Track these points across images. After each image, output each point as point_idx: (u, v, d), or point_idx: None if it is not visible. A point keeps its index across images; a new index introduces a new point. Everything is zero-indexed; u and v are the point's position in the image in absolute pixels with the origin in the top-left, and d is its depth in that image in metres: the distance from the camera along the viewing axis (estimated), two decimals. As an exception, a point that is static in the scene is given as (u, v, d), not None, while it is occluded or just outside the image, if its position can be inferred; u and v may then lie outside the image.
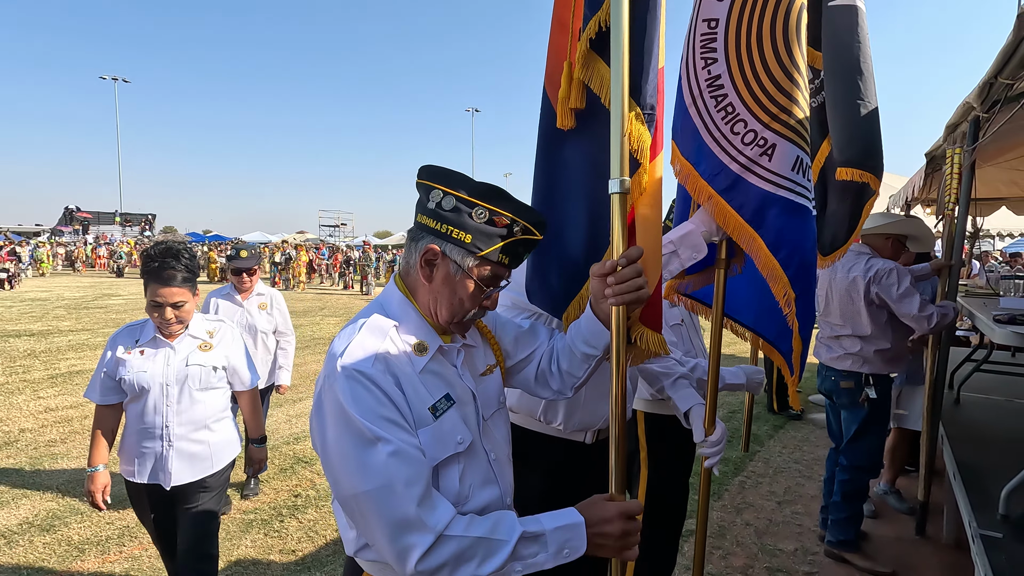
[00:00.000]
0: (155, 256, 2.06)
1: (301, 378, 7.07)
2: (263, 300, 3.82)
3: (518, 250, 1.15)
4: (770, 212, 1.49)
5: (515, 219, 1.11)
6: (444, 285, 1.14)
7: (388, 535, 0.98)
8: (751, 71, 1.51)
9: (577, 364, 1.33)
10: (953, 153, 3.02)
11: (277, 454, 4.59)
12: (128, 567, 2.98)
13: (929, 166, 3.96)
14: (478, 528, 1.02)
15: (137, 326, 2.22)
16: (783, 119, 1.48)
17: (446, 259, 1.13)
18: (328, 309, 14.73)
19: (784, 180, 1.49)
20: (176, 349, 2.18)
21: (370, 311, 1.16)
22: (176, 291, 2.08)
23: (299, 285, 20.66)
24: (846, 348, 3.10)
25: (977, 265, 14.20)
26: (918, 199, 5.05)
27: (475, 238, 1.10)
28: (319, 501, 3.75)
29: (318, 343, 9.54)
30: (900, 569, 3.02)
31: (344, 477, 1.01)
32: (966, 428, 3.09)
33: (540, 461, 1.64)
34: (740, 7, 1.52)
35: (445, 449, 1.10)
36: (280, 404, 5.94)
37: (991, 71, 2.36)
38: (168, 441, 2.15)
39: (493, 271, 1.14)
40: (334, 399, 1.02)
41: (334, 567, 2.99)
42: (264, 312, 3.80)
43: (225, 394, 2.34)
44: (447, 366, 1.18)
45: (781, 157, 1.49)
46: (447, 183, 1.11)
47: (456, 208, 1.10)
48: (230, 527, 3.39)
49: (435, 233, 1.13)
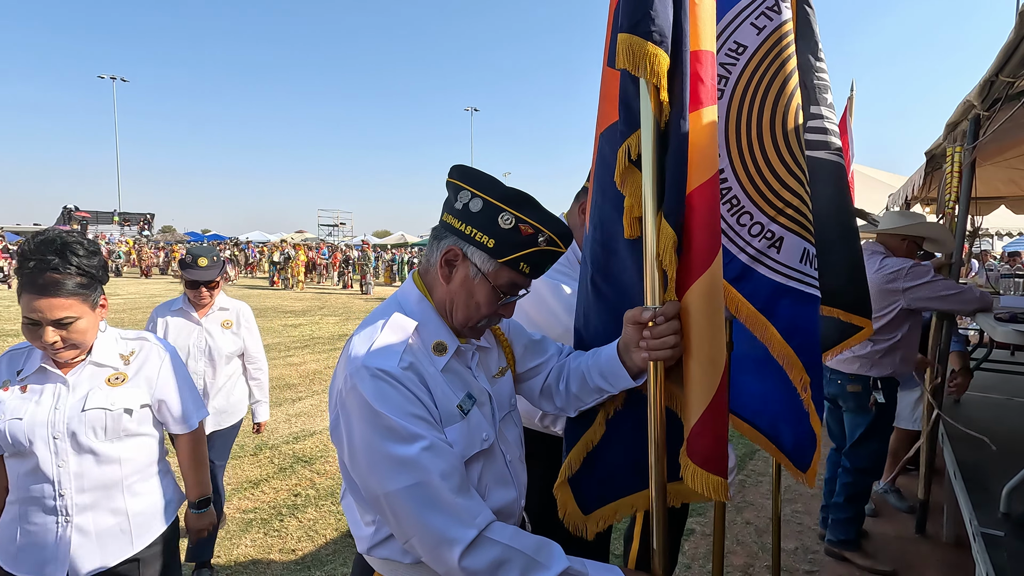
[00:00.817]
0: (30, 253, 1.43)
1: (300, 377, 7.07)
2: (227, 316, 2.97)
3: (540, 261, 1.12)
4: (782, 302, 1.51)
5: (541, 228, 1.08)
6: (462, 287, 1.13)
7: (427, 531, 0.98)
8: (754, 166, 1.55)
9: (588, 393, 1.32)
10: (953, 151, 3.02)
11: (277, 453, 4.58)
12: (127, 567, 2.97)
13: (929, 165, 3.96)
14: (522, 542, 1.02)
15: (22, 351, 1.59)
16: (789, 213, 1.51)
17: (466, 261, 1.12)
18: (327, 308, 14.71)
19: (794, 272, 1.51)
20: (71, 385, 1.54)
21: (389, 309, 1.15)
22: (59, 303, 1.44)
23: (298, 284, 20.66)
24: (854, 351, 3.04)
25: (976, 264, 14.24)
26: (917, 198, 5.06)
27: (498, 243, 1.08)
28: (319, 500, 3.75)
29: (317, 342, 9.52)
30: (900, 567, 3.03)
31: (375, 477, 1.00)
32: (966, 427, 3.10)
33: (540, 459, 1.64)
34: (739, 105, 1.57)
35: (472, 446, 1.10)
36: (280, 403, 5.94)
37: (992, 69, 2.36)
38: (64, 515, 1.51)
39: (512, 279, 1.12)
40: (359, 399, 1.00)
41: (334, 566, 2.99)
42: (228, 332, 2.96)
43: (152, 442, 1.70)
44: (463, 367, 1.18)
45: (790, 250, 1.51)
46: (477, 185, 1.10)
47: (482, 211, 1.08)
48: (230, 526, 3.38)
49: (458, 234, 1.11)
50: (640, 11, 1.11)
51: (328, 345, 9.26)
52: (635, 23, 1.11)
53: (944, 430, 3.04)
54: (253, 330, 3.10)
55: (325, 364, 7.87)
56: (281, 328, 10.88)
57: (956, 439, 2.86)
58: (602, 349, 1.30)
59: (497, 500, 1.16)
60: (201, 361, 2.87)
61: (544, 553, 1.03)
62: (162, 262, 27.09)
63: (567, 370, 1.37)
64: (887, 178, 8.64)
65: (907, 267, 2.90)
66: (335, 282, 23.02)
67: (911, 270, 2.89)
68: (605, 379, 1.27)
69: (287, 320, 12.18)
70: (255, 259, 28.02)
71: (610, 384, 1.27)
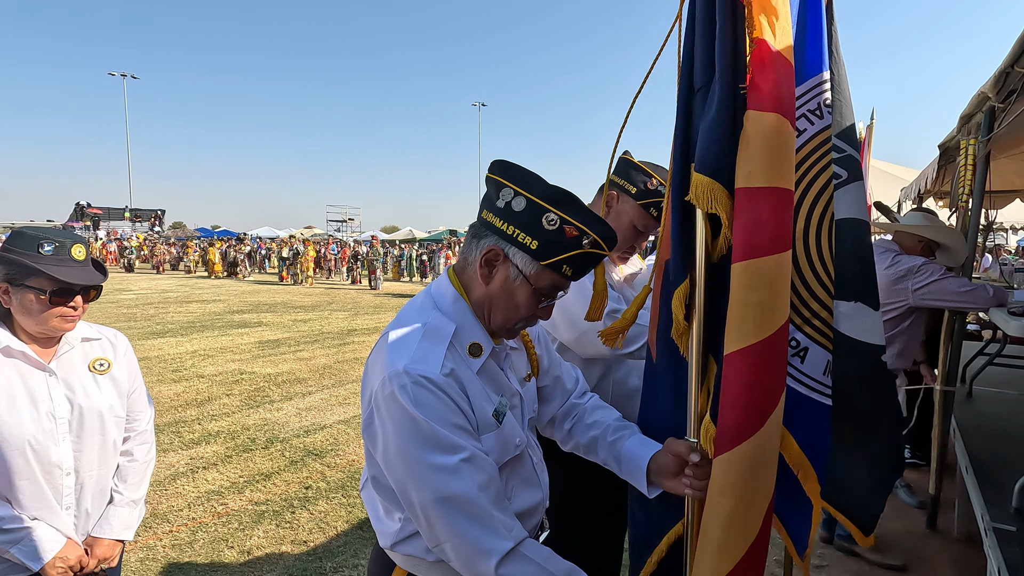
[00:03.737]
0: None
1: (310, 371, 7.13)
2: (95, 352, 1.65)
3: (584, 263, 1.08)
4: (802, 412, 1.49)
5: (586, 231, 1.04)
6: (502, 288, 1.10)
7: (463, 541, 0.98)
8: None
9: (590, 455, 1.34)
10: (967, 144, 2.99)
11: (288, 447, 4.63)
12: (143, 556, 3.02)
13: (942, 158, 3.91)
14: (555, 565, 1.03)
15: None
16: (816, 324, 1.48)
17: (507, 262, 1.08)
18: (336, 303, 14.79)
19: (815, 383, 1.49)
20: None
21: (425, 308, 1.12)
22: None
23: (307, 280, 20.77)
24: None
25: (989, 258, 14.02)
26: (931, 191, 5.00)
27: (542, 245, 1.04)
28: (329, 493, 3.79)
29: (326, 337, 9.57)
30: (911, 562, 3.01)
31: (412, 483, 0.99)
32: (978, 422, 3.07)
33: (560, 459, 1.64)
34: None
35: (506, 453, 1.10)
36: (290, 398, 5.99)
37: (1007, 60, 2.33)
38: None
39: (554, 281, 1.08)
40: (399, 405, 0.98)
41: (345, 557, 3.02)
42: (104, 379, 1.64)
43: None
44: (496, 368, 1.17)
45: (813, 360, 1.48)
46: (520, 183, 1.05)
47: (526, 210, 1.04)
48: (243, 518, 3.43)
49: (500, 233, 1.07)
50: None
51: (337, 340, 9.31)
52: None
53: (955, 425, 3.02)
54: (135, 370, 1.77)
55: (334, 359, 7.92)
56: (291, 323, 11.00)
57: (968, 433, 2.84)
58: (627, 442, 1.27)
59: (524, 502, 1.16)
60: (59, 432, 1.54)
61: None
62: (173, 258, 27.34)
63: (577, 415, 1.37)
64: (899, 172, 8.54)
65: (918, 265, 2.88)
66: (344, 277, 23.12)
67: (921, 267, 2.87)
68: (620, 469, 1.27)
69: (297, 315, 12.25)
70: (262, 255, 28.16)
71: (623, 475, 1.27)
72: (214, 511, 3.54)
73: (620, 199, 1.80)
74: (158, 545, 3.14)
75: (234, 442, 4.71)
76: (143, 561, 2.99)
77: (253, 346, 8.69)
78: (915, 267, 2.87)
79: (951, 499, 3.38)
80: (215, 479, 4.01)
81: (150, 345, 8.50)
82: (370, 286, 19.48)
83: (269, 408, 5.64)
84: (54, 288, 1.46)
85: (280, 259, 22.57)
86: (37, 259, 1.46)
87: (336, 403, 5.84)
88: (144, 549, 3.09)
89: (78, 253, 1.54)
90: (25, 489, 1.47)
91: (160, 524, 3.36)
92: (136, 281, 19.94)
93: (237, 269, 23.04)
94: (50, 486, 1.51)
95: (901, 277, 2.89)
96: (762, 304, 1.05)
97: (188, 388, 6.28)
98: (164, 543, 3.15)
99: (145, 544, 3.14)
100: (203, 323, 10.79)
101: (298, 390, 6.30)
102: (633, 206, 1.77)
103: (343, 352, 8.39)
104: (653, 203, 1.75)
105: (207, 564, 2.97)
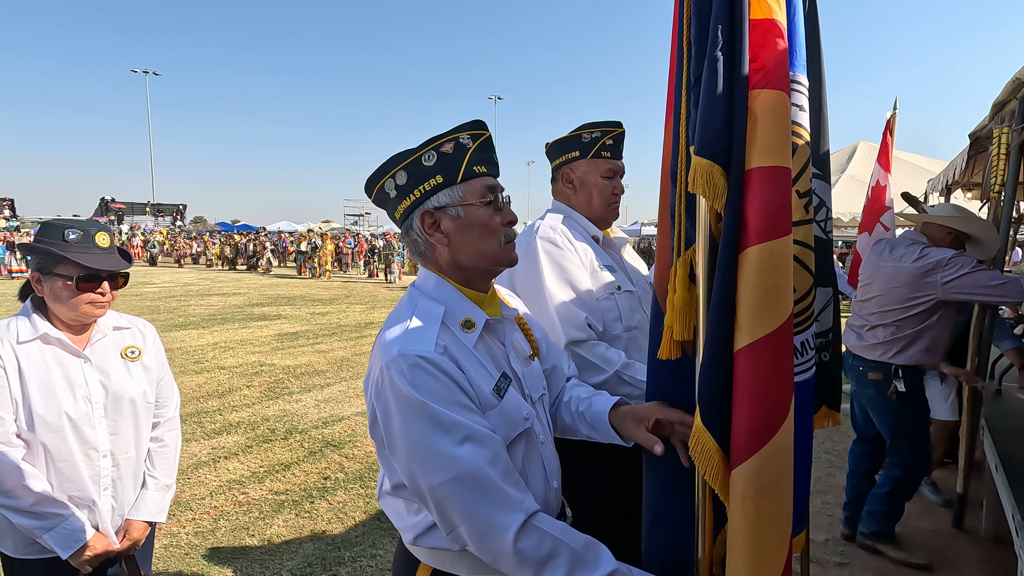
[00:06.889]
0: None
1: (328, 364, 7.20)
2: (126, 340, 1.71)
3: (484, 154, 1.12)
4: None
5: (456, 136, 1.09)
6: (459, 231, 1.11)
7: (474, 520, 0.97)
8: None
9: (576, 434, 1.36)
10: (1000, 133, 2.89)
11: (307, 438, 4.68)
12: (167, 543, 3.09)
13: (973, 147, 3.79)
14: (571, 537, 1.01)
15: None
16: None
17: (440, 211, 1.10)
18: (353, 297, 14.93)
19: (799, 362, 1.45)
20: None
21: (412, 299, 1.14)
22: None
23: (325, 273, 21.00)
24: (879, 337, 2.97)
25: (1019, 252, 13.63)
26: (959, 183, 4.87)
27: (442, 173, 1.08)
28: (347, 484, 3.83)
29: (344, 330, 9.68)
30: (936, 562, 2.95)
31: (418, 468, 0.99)
32: (1008, 420, 2.99)
33: (592, 464, 1.60)
34: None
35: (514, 427, 1.09)
36: (309, 389, 6.06)
37: (1045, 45, 2.24)
38: None
39: (483, 184, 1.11)
40: (397, 390, 0.99)
41: (363, 547, 3.05)
42: (135, 366, 1.70)
43: None
44: (496, 344, 1.17)
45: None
46: (384, 171, 1.12)
47: (409, 173, 1.10)
48: (263, 507, 3.48)
49: (413, 204, 1.11)
50: None
51: (355, 333, 9.40)
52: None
53: (984, 422, 2.94)
54: (162, 357, 1.82)
55: (352, 351, 8.00)
56: (309, 316, 11.10)
57: (997, 431, 2.77)
58: (594, 406, 1.31)
59: (535, 482, 1.15)
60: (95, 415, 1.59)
61: (592, 552, 1.01)
62: (195, 251, 27.81)
63: (566, 401, 1.39)
64: (926, 163, 8.33)
65: (948, 257, 2.77)
66: (361, 271, 23.31)
67: (952, 260, 2.76)
68: (595, 432, 1.31)
69: (315, 308, 12.40)
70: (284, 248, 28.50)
71: (600, 436, 1.30)
72: (235, 500, 3.60)
73: (574, 169, 1.82)
74: (181, 532, 3.20)
75: (254, 432, 4.79)
76: (167, 548, 3.05)
77: (272, 338, 8.80)
78: (945, 259, 2.78)
79: (978, 498, 3.30)
80: (236, 469, 4.07)
81: (173, 337, 8.66)
82: (386, 280, 19.63)
83: (288, 400, 5.72)
84: (80, 274, 1.51)
85: (298, 253, 22.82)
86: (63, 247, 1.51)
87: (354, 395, 5.89)
88: (168, 536, 3.16)
89: (102, 240, 1.59)
90: (64, 471, 1.53)
91: (183, 512, 3.42)
92: (159, 275, 20.33)
93: (258, 262, 23.36)
94: (88, 468, 1.57)
95: (930, 270, 2.79)
96: (779, 288, 1.00)
97: (210, 379, 6.39)
98: (187, 530, 3.21)
99: (168, 531, 3.21)
100: (224, 316, 10.96)
101: (316, 382, 6.38)
102: (588, 163, 1.80)
103: (360, 345, 8.47)
104: (599, 147, 1.77)
105: (229, 551, 3.02)
